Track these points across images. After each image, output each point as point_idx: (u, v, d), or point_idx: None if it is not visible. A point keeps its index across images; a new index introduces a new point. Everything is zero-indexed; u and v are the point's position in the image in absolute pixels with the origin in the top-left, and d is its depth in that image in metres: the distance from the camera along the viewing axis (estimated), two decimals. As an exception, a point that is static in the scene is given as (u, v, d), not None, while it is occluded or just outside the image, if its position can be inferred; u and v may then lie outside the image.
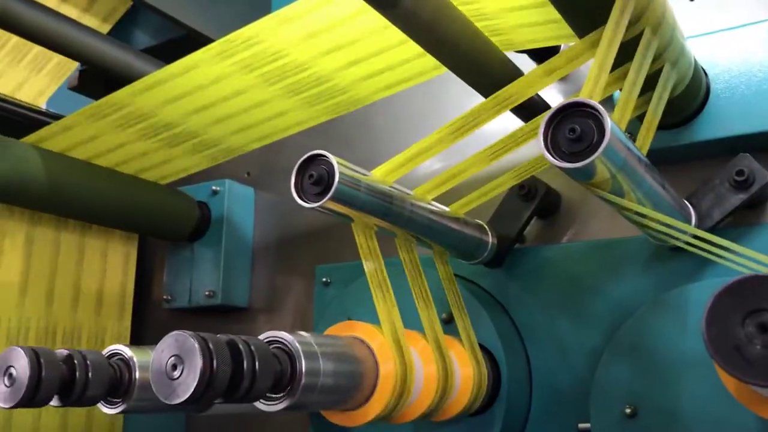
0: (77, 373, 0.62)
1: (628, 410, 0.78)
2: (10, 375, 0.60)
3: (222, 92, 0.95)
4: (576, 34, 0.68)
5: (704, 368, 0.75)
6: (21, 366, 0.60)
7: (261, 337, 0.59)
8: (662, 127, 0.84)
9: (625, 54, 0.66)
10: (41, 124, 1.04)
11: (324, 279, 1.10)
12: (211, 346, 0.52)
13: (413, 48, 0.81)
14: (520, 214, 0.92)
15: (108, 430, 1.14)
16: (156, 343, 0.95)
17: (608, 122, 0.51)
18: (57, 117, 1.12)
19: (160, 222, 1.15)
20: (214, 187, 1.21)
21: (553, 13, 0.77)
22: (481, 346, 0.87)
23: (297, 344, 0.59)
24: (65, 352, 0.63)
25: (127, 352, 0.67)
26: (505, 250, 0.91)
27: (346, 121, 1.14)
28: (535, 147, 0.96)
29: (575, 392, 0.87)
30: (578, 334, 0.88)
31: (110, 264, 1.17)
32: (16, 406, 0.60)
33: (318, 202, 0.65)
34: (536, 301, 0.92)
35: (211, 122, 1.02)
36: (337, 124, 1.13)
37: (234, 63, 0.89)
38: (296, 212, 1.22)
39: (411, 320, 0.76)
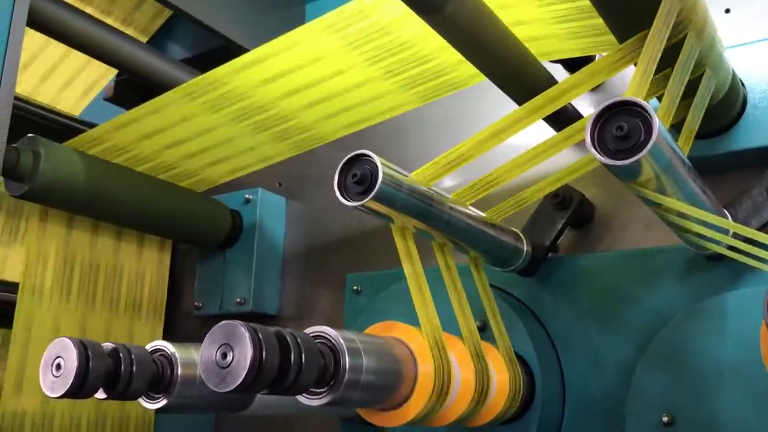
0: (122, 367, 0.63)
1: (665, 419, 0.77)
2: (59, 365, 0.61)
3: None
4: (617, 39, 0.69)
5: (743, 377, 0.74)
6: (69, 357, 0.61)
7: (306, 331, 0.60)
8: (700, 136, 0.84)
9: (666, 60, 0.66)
10: (78, 133, 1.06)
11: (355, 287, 1.11)
12: (260, 335, 0.52)
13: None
14: (554, 223, 0.92)
15: (141, 421, 1.15)
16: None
17: (656, 120, 0.52)
18: (92, 125, 1.14)
19: (194, 228, 1.16)
20: (246, 196, 1.23)
21: (589, 23, 0.78)
22: (516, 355, 0.88)
23: (341, 340, 0.60)
24: (111, 345, 0.64)
25: (169, 348, 0.68)
26: (539, 259, 0.91)
27: (378, 131, 1.16)
28: (570, 156, 0.97)
29: (608, 401, 0.86)
30: (612, 344, 0.88)
31: (145, 270, 1.18)
32: (63, 396, 0.61)
33: (360, 201, 0.65)
34: (570, 311, 0.92)
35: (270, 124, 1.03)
36: (369, 135, 1.14)
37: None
38: (326, 222, 1.23)
39: (446, 326, 0.76)
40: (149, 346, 0.68)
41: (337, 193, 0.67)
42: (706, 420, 0.75)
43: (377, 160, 0.65)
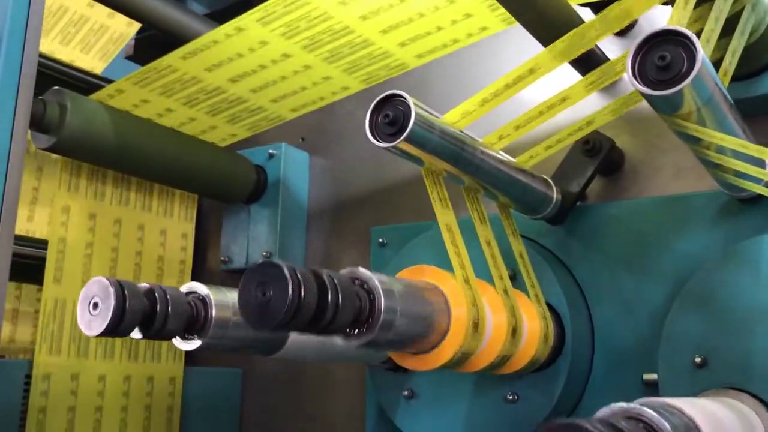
0: (158, 307, 0.64)
1: (698, 359, 0.77)
2: (96, 304, 0.62)
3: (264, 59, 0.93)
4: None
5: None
6: (107, 296, 0.61)
7: (341, 272, 0.60)
8: (735, 78, 0.82)
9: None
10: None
11: (380, 240, 1.10)
12: (299, 274, 0.52)
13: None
14: (584, 170, 0.91)
15: (168, 391, 1.17)
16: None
17: (699, 49, 0.50)
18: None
19: (220, 183, 1.16)
20: (270, 151, 1.22)
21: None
22: (546, 303, 0.87)
23: (376, 282, 0.60)
24: (146, 285, 0.65)
25: (203, 290, 0.68)
26: (569, 206, 0.90)
27: (403, 84, 1.14)
28: (599, 102, 0.96)
29: (639, 347, 0.86)
30: (643, 291, 0.87)
31: (172, 225, 1.19)
32: (100, 335, 0.61)
33: (392, 142, 0.65)
34: (599, 259, 0.91)
35: (253, 89, 1.01)
36: (393, 86, 1.12)
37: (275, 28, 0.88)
38: (349, 177, 1.23)
39: (478, 274, 0.76)
40: (183, 288, 0.69)
41: (368, 134, 0.66)
42: (739, 361, 0.75)
43: (410, 100, 0.64)
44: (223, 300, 0.68)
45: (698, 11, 0.67)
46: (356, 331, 0.60)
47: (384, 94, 0.65)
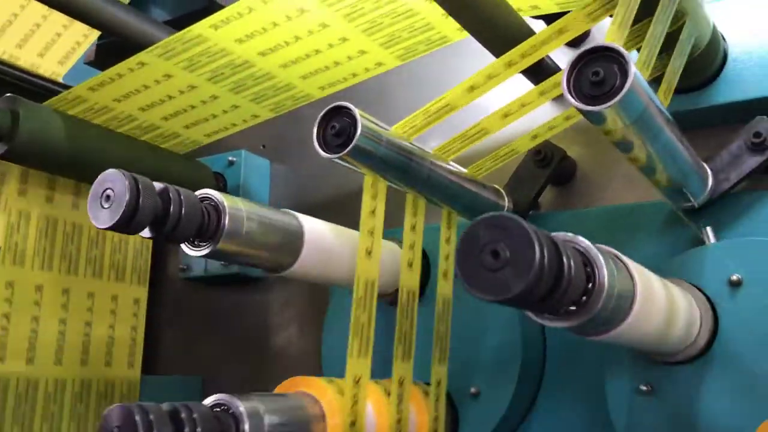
0: (172, 207, 0.63)
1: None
2: (108, 197, 0.61)
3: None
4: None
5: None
6: (120, 189, 0.60)
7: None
8: (681, 90, 0.85)
9: (645, 10, 0.66)
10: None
11: (339, 248, 1.11)
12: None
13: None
14: (536, 180, 0.92)
15: (126, 387, 1.16)
16: (173, 314, 0.96)
17: (631, 65, 0.52)
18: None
19: (178, 190, 1.16)
20: (230, 158, 1.22)
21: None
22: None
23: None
24: (161, 185, 0.64)
25: (218, 196, 0.68)
26: (520, 215, 0.91)
27: (362, 92, 1.15)
28: (550, 112, 0.97)
29: (589, 357, 0.87)
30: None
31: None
32: (111, 228, 0.60)
33: (338, 153, 0.65)
34: (551, 267, 0.92)
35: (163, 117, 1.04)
36: (352, 96, 1.13)
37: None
38: (311, 184, 1.23)
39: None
40: (198, 193, 0.69)
41: (316, 145, 0.67)
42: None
43: (356, 112, 0.65)
44: (237, 210, 0.68)
45: (639, 27, 0.68)
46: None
47: (330, 106, 0.66)
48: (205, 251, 0.67)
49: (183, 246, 0.67)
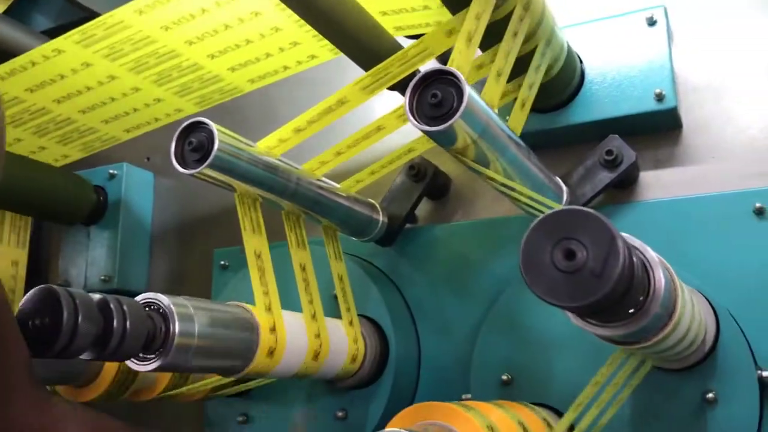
0: (115, 322, 0.54)
1: (504, 377, 0.81)
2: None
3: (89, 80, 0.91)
4: (450, 12, 0.71)
5: (571, 338, 0.79)
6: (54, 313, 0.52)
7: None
8: (540, 110, 0.89)
9: (497, 35, 0.69)
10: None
11: (222, 262, 1.10)
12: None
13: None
14: (410, 194, 0.95)
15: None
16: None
17: (466, 87, 0.54)
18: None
19: (54, 204, 1.13)
20: (111, 171, 1.20)
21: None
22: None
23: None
24: (97, 296, 0.56)
25: (164, 300, 0.60)
26: (396, 229, 0.93)
27: (248, 112, 1.16)
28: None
29: (459, 366, 0.89)
30: (463, 311, 0.91)
31: (1, 251, 1.14)
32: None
33: (196, 168, 0.66)
34: (425, 279, 0.95)
35: (81, 110, 0.98)
36: (236, 107, 1.13)
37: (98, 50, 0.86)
38: (195, 197, 1.22)
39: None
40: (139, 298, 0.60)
41: (174, 162, 0.67)
42: (541, 379, 0.80)
43: (213, 126, 0.65)
44: (186, 313, 0.61)
45: (494, 50, 0.71)
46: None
47: (188, 122, 0.66)
48: (154, 365, 0.59)
49: (129, 362, 0.59)
